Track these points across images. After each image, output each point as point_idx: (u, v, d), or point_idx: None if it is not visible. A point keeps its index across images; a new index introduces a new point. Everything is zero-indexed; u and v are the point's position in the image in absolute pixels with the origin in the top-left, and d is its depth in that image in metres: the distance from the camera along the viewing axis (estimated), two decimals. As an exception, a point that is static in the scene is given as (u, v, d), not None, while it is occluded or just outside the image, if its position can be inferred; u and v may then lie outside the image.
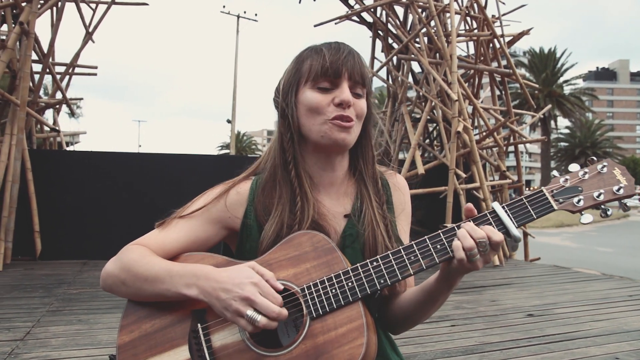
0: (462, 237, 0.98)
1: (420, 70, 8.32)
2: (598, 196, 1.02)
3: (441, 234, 1.02)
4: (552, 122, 40.47)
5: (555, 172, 1.09)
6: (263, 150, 1.39)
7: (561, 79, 41.85)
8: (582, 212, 1.03)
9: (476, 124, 8.03)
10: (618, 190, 1.02)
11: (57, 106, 8.07)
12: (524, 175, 8.76)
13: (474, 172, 6.94)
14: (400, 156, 8.02)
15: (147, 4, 7.90)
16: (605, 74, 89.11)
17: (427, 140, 8.74)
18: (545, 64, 41.24)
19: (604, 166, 1.05)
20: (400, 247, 1.02)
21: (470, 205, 1.04)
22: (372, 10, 8.10)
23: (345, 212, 1.17)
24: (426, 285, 1.10)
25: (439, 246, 1.01)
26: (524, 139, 7.71)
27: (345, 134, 1.10)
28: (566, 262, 8.78)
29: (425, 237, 1.02)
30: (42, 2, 6.74)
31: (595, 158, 1.08)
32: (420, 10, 7.62)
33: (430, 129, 8.88)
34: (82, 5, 7.51)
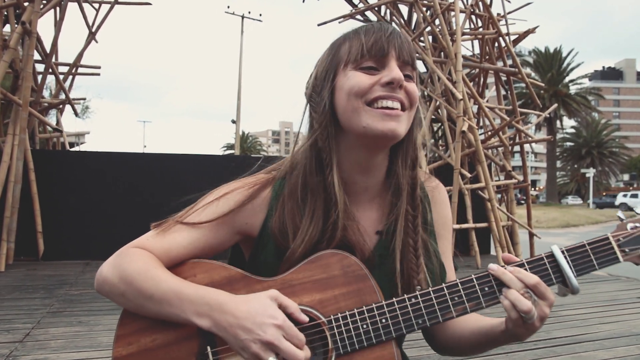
0: (515, 299, 0.87)
1: (424, 69, 8.26)
2: None
3: (490, 276, 0.91)
4: (558, 122, 40.27)
5: (620, 213, 0.99)
6: (268, 151, 1.24)
7: (567, 79, 41.68)
8: None
9: (481, 123, 7.97)
10: None
11: (61, 106, 8.06)
12: (530, 175, 8.67)
13: (479, 172, 6.87)
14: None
15: (150, 4, 7.87)
16: (612, 74, 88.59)
17: (432, 140, 8.67)
18: (551, 64, 41.07)
19: None
20: (444, 285, 0.92)
21: (509, 256, 0.94)
22: (376, 9, 8.05)
23: (378, 227, 1.03)
24: (489, 331, 0.99)
25: (487, 288, 0.91)
26: (530, 139, 7.63)
27: (394, 123, 0.92)
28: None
29: (473, 276, 0.92)
30: (44, 2, 6.72)
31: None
32: (424, 8, 7.56)
33: (435, 128, 8.81)
34: (85, 5, 7.49)
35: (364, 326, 0.90)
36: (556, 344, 3.31)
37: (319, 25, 8.07)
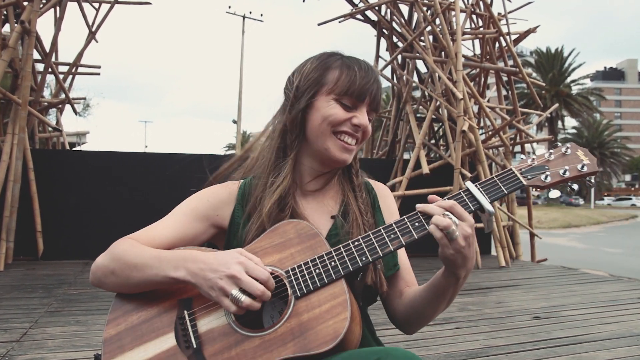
0: (436, 219, 1.00)
1: (425, 69, 8.23)
2: (564, 173, 1.09)
3: (419, 213, 1.06)
4: (560, 122, 40.22)
5: (522, 156, 1.16)
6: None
7: (568, 79, 41.65)
8: (550, 188, 1.10)
9: (482, 123, 7.94)
10: (582, 167, 1.09)
11: (60, 106, 8.05)
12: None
13: (479, 171, 6.85)
14: (406, 156, 7.93)
15: (150, 3, 7.86)
16: (613, 74, 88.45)
17: (433, 140, 8.65)
18: (552, 64, 41.05)
19: (568, 148, 1.12)
20: (381, 227, 1.06)
21: (432, 196, 1.07)
22: (376, 8, 8.03)
23: (332, 213, 1.22)
24: (434, 281, 1.11)
25: (417, 223, 1.05)
26: (530, 139, 7.60)
27: (347, 155, 1.18)
28: (573, 263, 8.66)
29: (404, 216, 1.06)
30: (44, 1, 6.72)
31: (559, 143, 1.15)
32: (425, 8, 7.53)
33: (436, 128, 8.79)
34: (85, 5, 7.49)
35: (316, 270, 1.03)
36: (557, 345, 3.28)
37: (319, 24, 8.07)
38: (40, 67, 7.25)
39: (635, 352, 3.14)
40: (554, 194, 1.12)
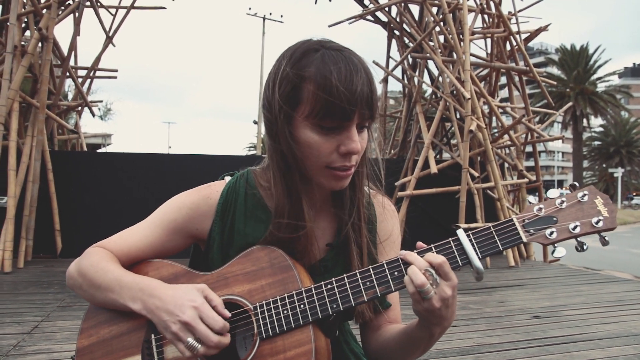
0: (412, 272, 0.90)
1: (436, 69, 8.24)
2: (574, 228, 0.93)
3: (400, 260, 0.95)
4: (585, 121, 39.36)
5: (531, 198, 1.01)
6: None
7: (594, 76, 40.69)
8: (555, 245, 0.95)
9: (496, 123, 7.90)
10: (597, 222, 0.93)
11: (79, 108, 8.31)
12: (556, 175, 8.55)
13: (489, 171, 6.83)
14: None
15: (165, 8, 8.06)
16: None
17: (444, 140, 8.64)
18: (577, 61, 40.14)
19: (585, 195, 0.95)
20: (357, 271, 0.97)
21: (419, 243, 0.98)
22: (386, 9, 8.06)
23: (328, 239, 1.11)
24: (407, 328, 1.03)
25: (396, 273, 0.95)
26: (542, 138, 7.54)
27: (344, 181, 1.01)
28: (597, 264, 8.50)
29: (384, 262, 0.96)
30: (62, 8, 6.97)
31: (577, 184, 0.98)
32: (434, 8, 7.55)
33: (448, 127, 8.78)
34: (102, 10, 7.72)
35: (284, 312, 0.97)
36: (550, 343, 3.30)
37: (329, 26, 8.14)
38: (59, 72, 7.50)
39: (629, 351, 3.14)
40: (559, 252, 0.94)
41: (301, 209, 1.02)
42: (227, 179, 1.16)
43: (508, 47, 7.75)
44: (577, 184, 1.00)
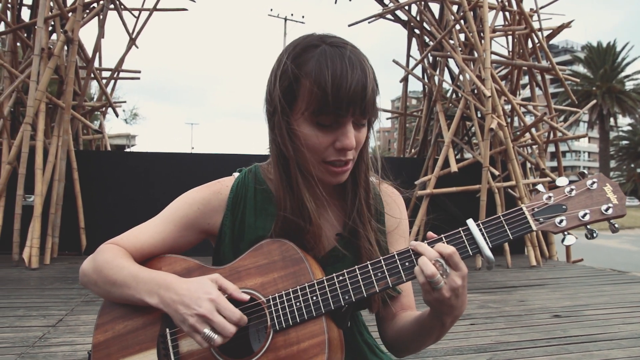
0: (422, 263, 0.91)
1: (456, 67, 8.18)
2: (583, 216, 0.94)
3: (410, 251, 0.97)
4: (612, 120, 38.51)
5: (540, 187, 1.01)
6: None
7: (622, 74, 39.77)
8: (565, 233, 0.95)
9: (518, 122, 7.80)
10: (607, 210, 0.93)
11: (103, 109, 8.50)
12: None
13: (510, 170, 6.75)
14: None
15: (186, 9, 8.20)
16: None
17: (465, 138, 8.57)
18: (604, 59, 39.31)
19: (594, 182, 0.96)
20: (368, 262, 0.99)
21: (430, 233, 0.98)
22: (406, 8, 8.04)
23: (337, 229, 1.12)
24: (420, 316, 1.05)
25: (407, 263, 0.96)
26: (564, 136, 7.41)
27: (342, 176, 1.04)
28: (624, 266, 8.32)
29: (395, 252, 0.98)
30: (87, 11, 7.14)
31: (586, 172, 0.99)
32: (456, 6, 7.49)
33: (469, 126, 8.70)
34: (125, 13, 7.87)
35: (297, 304, 0.98)
36: (569, 342, 3.25)
37: (349, 25, 8.16)
38: (84, 73, 7.68)
39: (651, 351, 3.08)
40: (569, 240, 0.95)
41: (302, 201, 1.03)
42: (236, 174, 1.18)
43: (530, 45, 7.66)
44: (585, 172, 1.00)
